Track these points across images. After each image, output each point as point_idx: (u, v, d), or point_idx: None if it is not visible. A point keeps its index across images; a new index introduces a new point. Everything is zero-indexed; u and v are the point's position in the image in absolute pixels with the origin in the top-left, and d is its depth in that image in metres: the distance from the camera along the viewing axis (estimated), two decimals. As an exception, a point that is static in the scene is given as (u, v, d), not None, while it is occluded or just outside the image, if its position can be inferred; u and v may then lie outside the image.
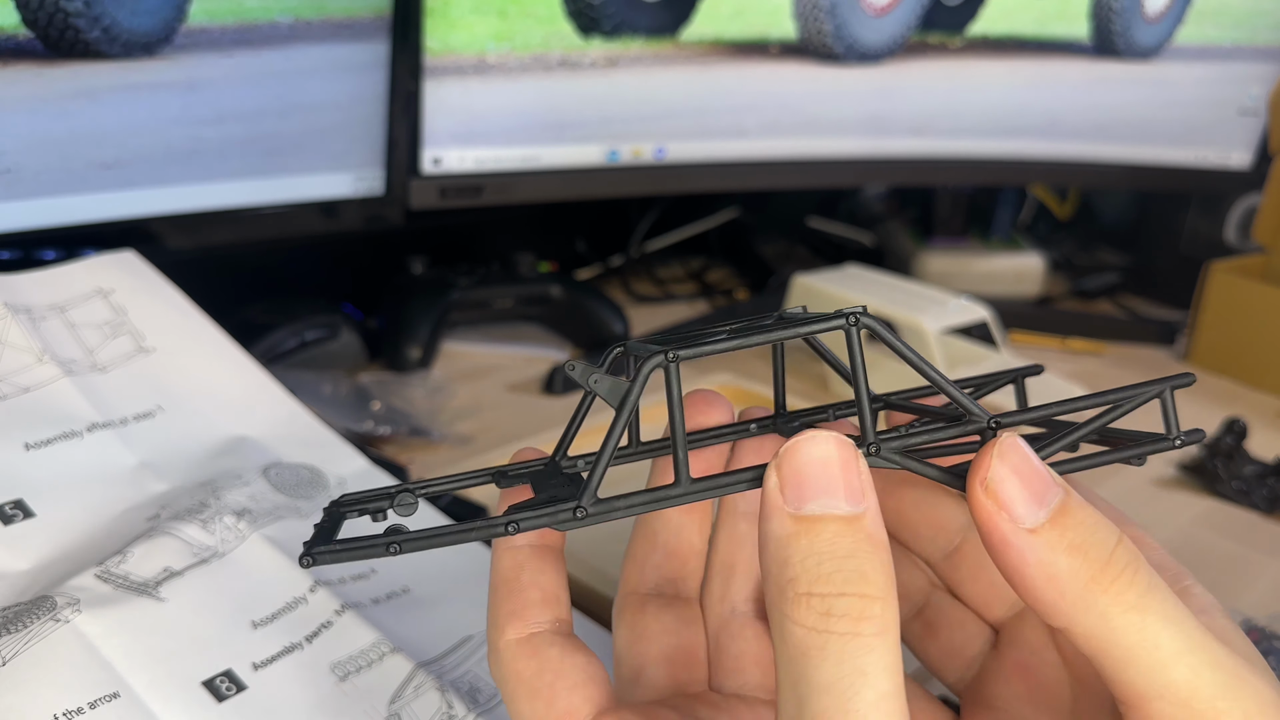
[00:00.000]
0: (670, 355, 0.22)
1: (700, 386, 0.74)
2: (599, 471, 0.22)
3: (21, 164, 0.59)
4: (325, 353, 0.74)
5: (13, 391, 0.45)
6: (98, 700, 0.34)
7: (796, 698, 0.20)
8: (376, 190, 0.75)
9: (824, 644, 0.20)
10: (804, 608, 0.20)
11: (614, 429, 0.22)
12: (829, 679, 0.20)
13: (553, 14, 0.77)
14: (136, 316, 0.52)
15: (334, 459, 0.52)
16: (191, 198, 0.67)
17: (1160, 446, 0.24)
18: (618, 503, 0.22)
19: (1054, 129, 0.95)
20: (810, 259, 1.10)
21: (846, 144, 0.91)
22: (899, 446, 0.23)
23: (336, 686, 0.38)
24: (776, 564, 0.21)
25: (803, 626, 0.20)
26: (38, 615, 0.35)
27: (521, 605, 0.26)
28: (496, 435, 0.68)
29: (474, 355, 0.82)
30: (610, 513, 0.22)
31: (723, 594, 0.30)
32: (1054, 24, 0.92)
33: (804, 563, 0.21)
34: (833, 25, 0.86)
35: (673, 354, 0.22)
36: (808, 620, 0.20)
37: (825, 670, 0.20)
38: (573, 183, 0.83)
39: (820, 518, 0.21)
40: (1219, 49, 0.94)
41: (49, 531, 0.41)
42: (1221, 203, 1.02)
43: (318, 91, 0.69)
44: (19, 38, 0.57)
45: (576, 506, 0.22)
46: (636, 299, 0.98)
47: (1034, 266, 1.05)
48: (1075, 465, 0.24)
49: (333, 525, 0.25)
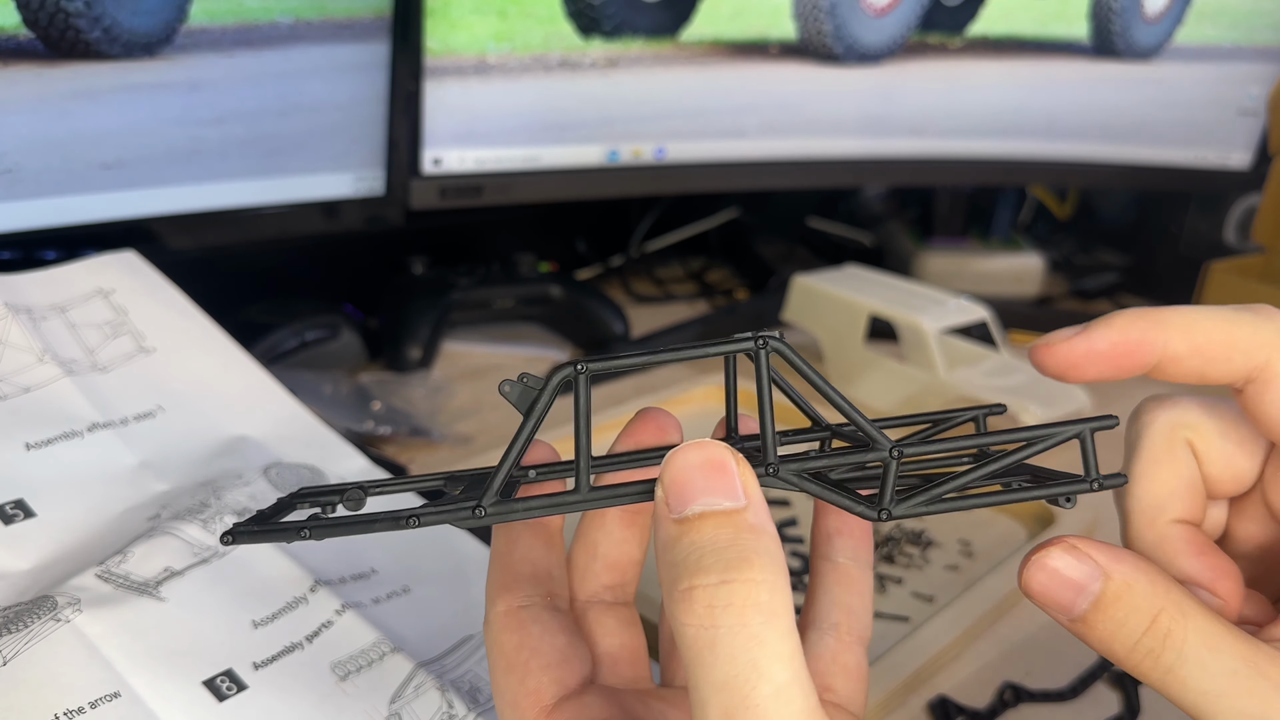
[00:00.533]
0: (580, 367, 0.23)
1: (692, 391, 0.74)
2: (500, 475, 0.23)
3: (22, 164, 0.59)
4: (326, 353, 0.74)
5: (13, 391, 0.45)
6: (98, 700, 0.34)
7: (700, 699, 0.20)
8: (377, 190, 0.75)
9: (714, 641, 0.20)
10: (689, 603, 0.20)
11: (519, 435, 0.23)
12: (724, 677, 0.20)
13: (553, 14, 0.77)
14: (137, 316, 0.52)
15: (334, 459, 0.52)
16: (192, 198, 0.67)
17: (1078, 488, 0.24)
18: (516, 505, 0.23)
19: (1054, 129, 0.95)
20: (810, 259, 1.10)
21: (846, 144, 0.91)
22: (798, 469, 0.24)
23: (337, 686, 0.38)
24: (666, 568, 0.21)
25: (692, 625, 0.20)
26: (38, 615, 0.36)
27: (513, 579, 0.27)
28: (496, 435, 0.69)
29: (474, 355, 0.83)
30: (509, 514, 0.23)
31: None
32: (1053, 24, 0.92)
33: (686, 559, 0.21)
34: (832, 25, 0.86)
35: (583, 366, 0.23)
36: (694, 617, 0.20)
37: (719, 669, 0.20)
38: (573, 183, 0.83)
39: (701, 515, 0.21)
40: (1218, 49, 0.94)
41: (50, 531, 0.41)
42: (1221, 203, 1.02)
43: (318, 92, 0.69)
44: (20, 38, 0.57)
45: (475, 506, 0.23)
46: (636, 299, 0.98)
47: (1033, 266, 1.05)
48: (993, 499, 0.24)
49: (275, 512, 0.26)
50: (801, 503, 0.61)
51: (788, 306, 0.83)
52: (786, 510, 0.60)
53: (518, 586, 0.27)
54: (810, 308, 0.81)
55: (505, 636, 0.26)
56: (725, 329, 0.89)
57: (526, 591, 0.27)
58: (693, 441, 0.22)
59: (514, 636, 0.26)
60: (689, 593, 0.20)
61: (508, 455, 0.23)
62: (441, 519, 0.23)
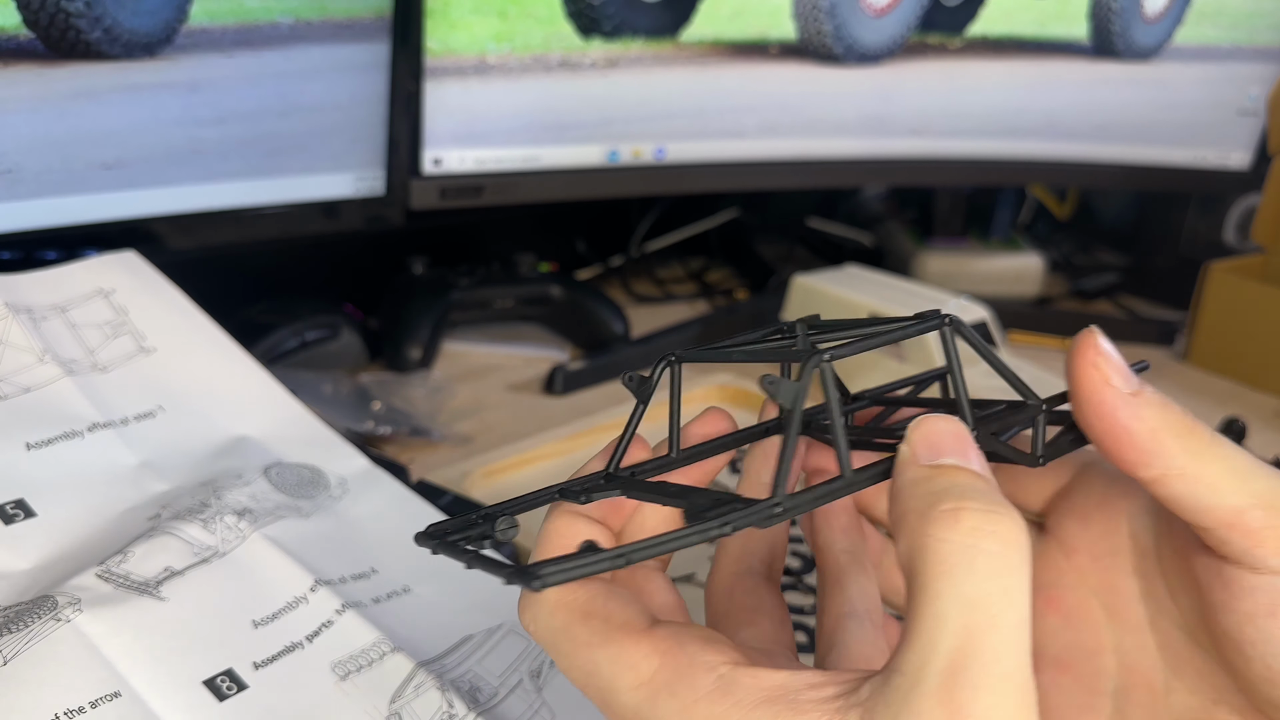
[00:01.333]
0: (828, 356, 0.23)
1: (701, 386, 0.74)
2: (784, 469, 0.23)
3: (23, 164, 0.59)
4: (326, 353, 0.74)
5: (14, 391, 0.45)
6: (99, 699, 0.34)
7: (938, 612, 0.20)
8: (377, 190, 0.75)
9: (974, 559, 0.20)
10: (953, 520, 0.21)
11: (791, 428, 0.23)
12: (976, 594, 0.20)
13: (553, 15, 0.77)
14: (137, 316, 0.52)
15: (335, 459, 0.52)
16: (192, 198, 0.67)
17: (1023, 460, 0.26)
18: (803, 498, 0.23)
19: (1053, 129, 0.95)
20: (810, 259, 1.10)
21: (846, 144, 0.91)
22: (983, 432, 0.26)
23: (337, 686, 0.38)
24: (916, 498, 0.22)
25: (952, 541, 0.20)
26: (39, 615, 0.36)
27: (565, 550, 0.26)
28: (497, 435, 0.69)
29: (474, 355, 0.83)
30: (799, 508, 0.23)
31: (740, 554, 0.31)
32: (1053, 25, 0.92)
33: (949, 488, 0.22)
34: (832, 26, 0.86)
35: (829, 354, 0.23)
36: (958, 534, 0.21)
37: (973, 585, 0.20)
38: (573, 183, 0.83)
39: (955, 467, 0.22)
40: (1218, 49, 0.94)
41: (50, 531, 0.41)
42: (1220, 203, 1.02)
43: (319, 92, 0.69)
44: (20, 38, 0.57)
45: (774, 504, 0.23)
46: (636, 299, 0.98)
47: (1033, 267, 1.05)
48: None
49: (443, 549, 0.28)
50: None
51: (787, 306, 0.83)
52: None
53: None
54: (810, 308, 0.81)
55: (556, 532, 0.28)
56: (725, 329, 0.89)
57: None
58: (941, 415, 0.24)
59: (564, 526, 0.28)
60: (955, 512, 0.21)
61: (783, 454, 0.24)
62: (748, 521, 0.23)
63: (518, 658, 0.43)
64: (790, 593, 0.53)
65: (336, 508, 0.48)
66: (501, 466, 0.62)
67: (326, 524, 0.46)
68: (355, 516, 0.48)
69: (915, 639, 0.20)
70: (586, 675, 0.24)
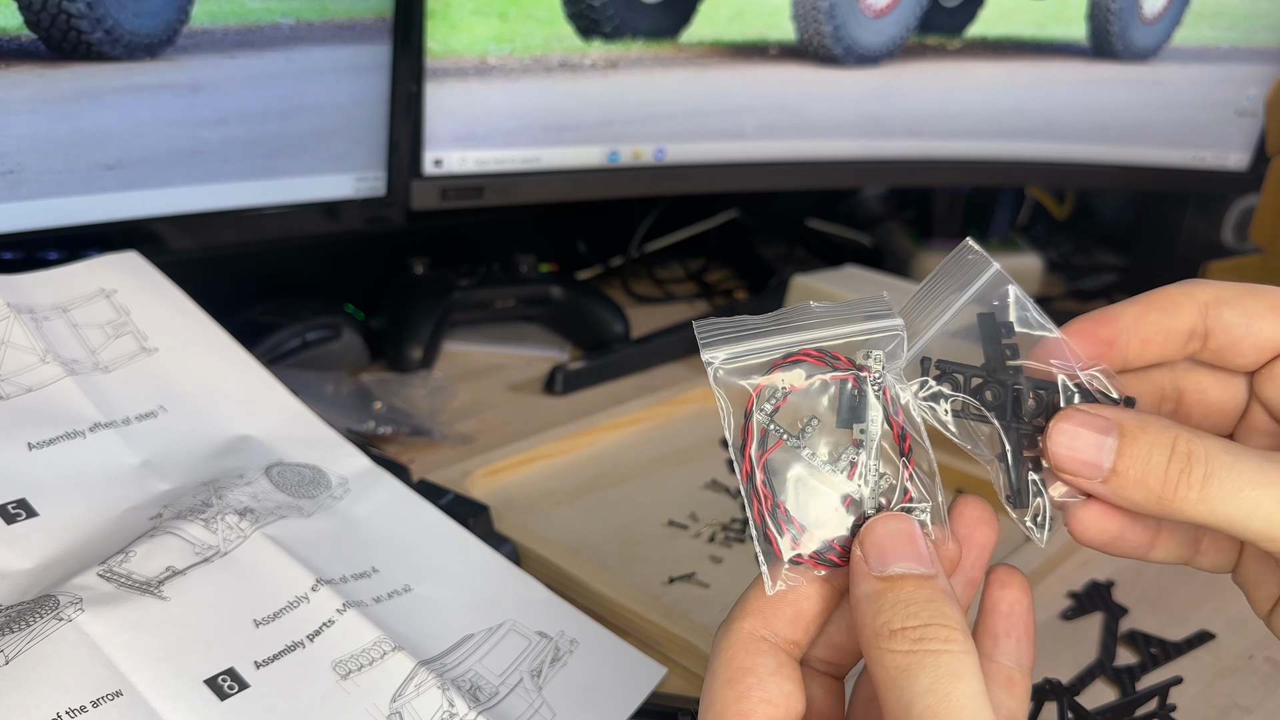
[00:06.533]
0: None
1: (692, 391, 0.74)
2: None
3: (24, 165, 0.59)
4: (327, 353, 0.74)
5: (16, 391, 0.45)
6: (100, 699, 0.34)
7: (902, 706, 0.24)
8: (378, 191, 0.75)
9: (919, 660, 0.24)
10: (900, 638, 0.25)
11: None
12: (928, 684, 0.24)
13: (553, 16, 0.77)
14: (139, 317, 0.52)
15: (336, 458, 0.52)
16: (194, 199, 0.67)
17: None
18: None
19: (1052, 130, 0.95)
20: (809, 260, 1.11)
21: (845, 145, 0.91)
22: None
23: (338, 685, 0.38)
24: (869, 614, 0.26)
25: (898, 652, 0.25)
26: (41, 614, 0.36)
27: (773, 612, 0.28)
28: (497, 435, 0.69)
29: (475, 355, 0.83)
30: None
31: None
32: (1052, 26, 0.92)
33: (894, 608, 0.25)
34: (831, 27, 0.86)
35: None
36: (903, 647, 0.25)
37: (923, 679, 0.24)
38: (573, 184, 0.83)
39: (902, 576, 0.26)
40: (1216, 50, 0.94)
41: (52, 530, 0.41)
42: (1219, 203, 1.02)
43: (320, 93, 0.69)
44: (22, 39, 0.57)
45: None
46: (636, 299, 0.99)
47: (1032, 267, 1.05)
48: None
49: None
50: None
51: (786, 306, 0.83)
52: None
53: (773, 620, 0.28)
54: (809, 308, 0.81)
55: (740, 654, 0.28)
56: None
57: (777, 629, 0.28)
58: (889, 513, 0.27)
59: (748, 659, 0.27)
60: (900, 632, 0.25)
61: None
62: None
63: (518, 657, 0.43)
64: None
65: (338, 507, 0.48)
66: (502, 466, 0.62)
67: (328, 523, 0.47)
68: (356, 516, 0.48)
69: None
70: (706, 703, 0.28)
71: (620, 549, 0.56)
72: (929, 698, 0.24)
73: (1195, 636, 0.51)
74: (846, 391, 0.27)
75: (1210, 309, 0.28)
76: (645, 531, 0.58)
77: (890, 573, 0.26)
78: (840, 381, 0.28)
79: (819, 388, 0.28)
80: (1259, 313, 0.28)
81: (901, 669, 0.24)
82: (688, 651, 0.47)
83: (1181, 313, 0.28)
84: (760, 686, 0.27)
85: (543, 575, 0.50)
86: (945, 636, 0.25)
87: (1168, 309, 0.29)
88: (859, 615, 0.26)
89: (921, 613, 0.25)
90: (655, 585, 0.53)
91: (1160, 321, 0.29)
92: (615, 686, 0.44)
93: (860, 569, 0.26)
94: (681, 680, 0.47)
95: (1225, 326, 0.28)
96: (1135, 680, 0.48)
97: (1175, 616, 0.53)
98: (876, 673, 0.25)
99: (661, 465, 0.65)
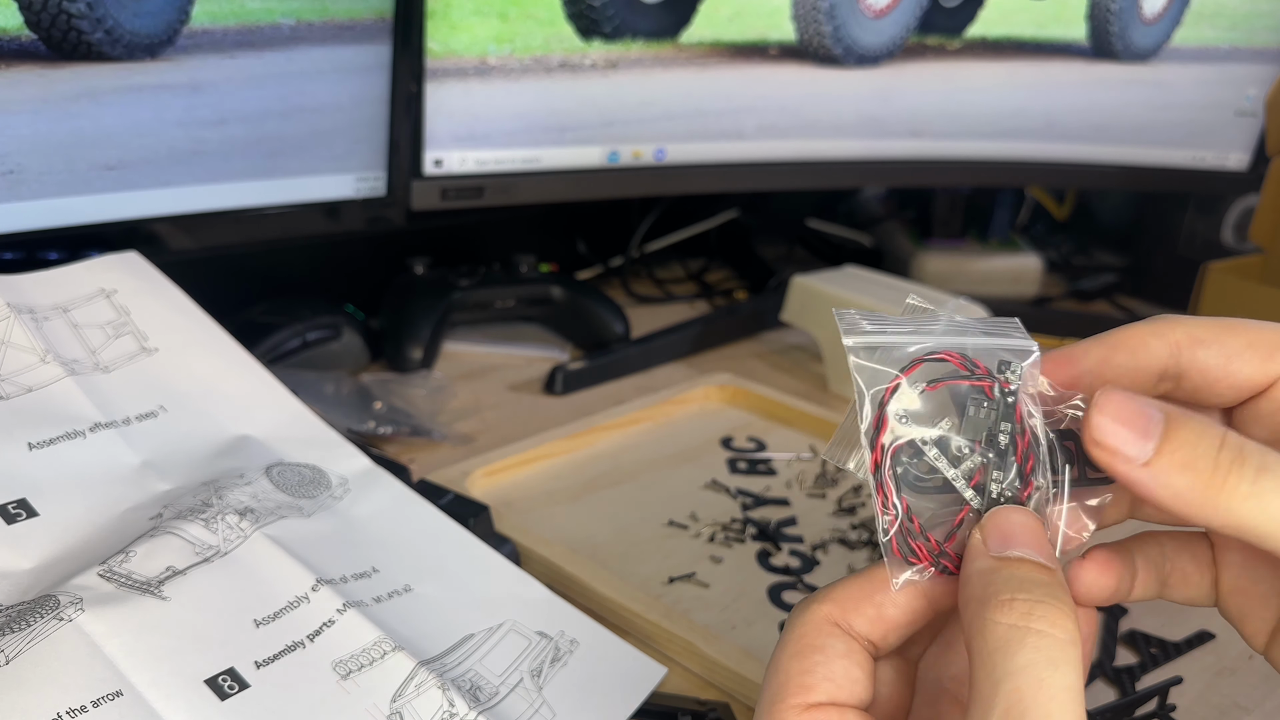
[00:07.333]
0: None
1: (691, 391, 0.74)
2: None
3: (25, 165, 0.59)
4: (327, 353, 0.74)
5: (16, 391, 0.45)
6: (101, 699, 0.34)
7: (992, 682, 0.23)
8: (378, 191, 0.75)
9: (1023, 637, 0.23)
10: (1007, 609, 0.23)
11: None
12: (1025, 663, 0.22)
13: (553, 16, 0.78)
14: (139, 317, 0.52)
15: (336, 458, 0.52)
16: (194, 199, 0.67)
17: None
18: None
19: (1052, 130, 0.95)
20: (809, 260, 1.11)
21: (845, 145, 0.91)
22: None
23: (338, 685, 0.38)
24: (979, 586, 0.24)
25: (1004, 623, 0.23)
26: (41, 614, 0.36)
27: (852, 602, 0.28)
28: (497, 435, 0.69)
29: (475, 355, 0.83)
30: None
31: None
32: (1051, 26, 0.92)
33: (1008, 581, 0.24)
34: (831, 27, 0.86)
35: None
36: (1010, 618, 0.23)
37: (1022, 656, 0.23)
38: (573, 184, 0.83)
39: (1021, 559, 0.25)
40: (1216, 50, 0.94)
41: (52, 531, 0.41)
42: (1219, 204, 1.02)
43: (320, 93, 0.70)
44: (22, 39, 0.57)
45: None
46: (636, 299, 0.99)
47: (1031, 267, 1.05)
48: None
49: None
50: (801, 502, 0.61)
51: (787, 307, 0.83)
52: (786, 510, 0.61)
53: (853, 614, 0.28)
54: (809, 308, 0.81)
55: (812, 633, 0.27)
56: (725, 330, 0.90)
57: (854, 623, 0.28)
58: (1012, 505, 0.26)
59: (820, 639, 0.27)
60: (1010, 601, 0.24)
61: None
62: None
63: (518, 657, 0.43)
64: (790, 592, 0.53)
65: (338, 507, 0.48)
66: (502, 466, 0.62)
67: (328, 523, 0.47)
68: (356, 516, 0.48)
69: (974, 705, 0.23)
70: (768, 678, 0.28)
71: (620, 549, 0.56)
72: (1020, 678, 0.22)
73: (1195, 636, 0.51)
74: (983, 399, 0.27)
75: (1184, 349, 0.27)
76: (645, 531, 0.58)
77: (1009, 555, 0.25)
78: (978, 388, 0.27)
79: (957, 391, 0.27)
80: (1236, 351, 0.26)
81: (1002, 641, 0.23)
82: (688, 651, 0.47)
83: (1150, 354, 0.27)
84: (826, 665, 0.27)
85: (543, 575, 0.51)
86: (1055, 620, 0.23)
87: (1136, 351, 0.27)
88: (967, 590, 0.25)
89: (1036, 590, 0.24)
90: (655, 585, 0.53)
91: (1128, 364, 0.27)
92: (615, 686, 0.44)
93: (977, 549, 0.25)
94: (681, 680, 0.47)
95: (1201, 368, 0.27)
96: (1135, 680, 0.48)
97: (1175, 616, 0.53)
98: (975, 643, 0.24)
99: (661, 465, 0.65)
